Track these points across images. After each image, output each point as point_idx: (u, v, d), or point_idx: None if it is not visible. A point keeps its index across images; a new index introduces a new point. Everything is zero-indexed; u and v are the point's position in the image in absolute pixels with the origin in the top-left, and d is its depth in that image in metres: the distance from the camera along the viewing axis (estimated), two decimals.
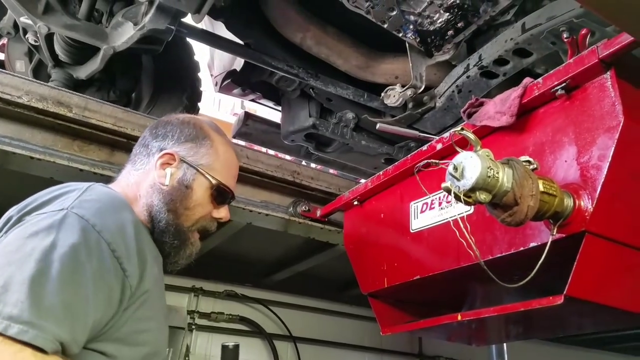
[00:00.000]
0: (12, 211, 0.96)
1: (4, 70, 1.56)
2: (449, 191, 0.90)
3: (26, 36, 1.78)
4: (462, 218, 1.03)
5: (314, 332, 2.99)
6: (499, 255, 1.15)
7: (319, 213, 1.87)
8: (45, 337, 0.77)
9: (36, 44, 1.78)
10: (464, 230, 0.99)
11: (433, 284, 1.37)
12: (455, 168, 0.90)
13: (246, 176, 1.76)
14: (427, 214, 1.43)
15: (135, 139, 1.57)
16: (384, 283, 1.47)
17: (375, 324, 1.48)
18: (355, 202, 1.72)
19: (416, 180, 1.52)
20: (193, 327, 2.68)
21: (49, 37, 1.74)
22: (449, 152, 1.37)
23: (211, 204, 1.16)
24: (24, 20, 1.67)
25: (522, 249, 1.10)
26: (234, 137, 2.82)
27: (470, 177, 0.88)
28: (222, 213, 1.19)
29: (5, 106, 1.42)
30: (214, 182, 1.15)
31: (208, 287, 2.77)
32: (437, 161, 0.96)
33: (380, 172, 1.62)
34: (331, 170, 2.91)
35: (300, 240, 2.28)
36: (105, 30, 1.75)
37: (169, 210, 1.10)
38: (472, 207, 1.18)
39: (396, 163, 1.58)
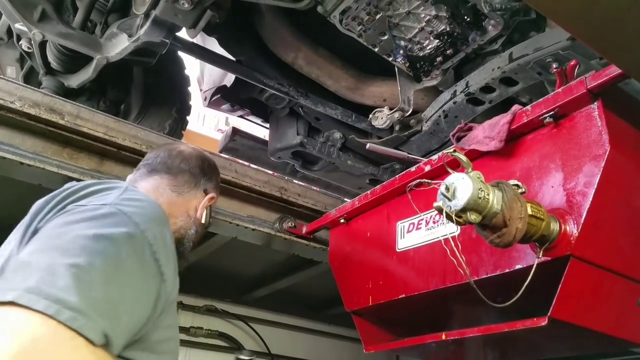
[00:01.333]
0: (42, 203, 0.90)
1: None
2: (440, 210, 0.91)
3: (19, 42, 1.75)
4: (453, 237, 1.03)
5: (293, 350, 2.94)
6: (484, 276, 1.16)
7: (304, 230, 1.86)
8: (95, 327, 0.70)
9: (29, 50, 1.75)
10: (454, 249, 1.00)
11: (417, 303, 1.37)
12: (447, 188, 0.91)
13: (234, 190, 1.74)
14: (413, 233, 1.43)
15: (125, 149, 1.56)
16: (369, 301, 1.46)
17: (354, 343, 1.47)
18: (342, 220, 1.71)
19: (403, 200, 1.53)
20: None
21: (43, 45, 1.72)
22: (437, 174, 1.38)
23: None
24: (19, 26, 1.64)
25: (507, 270, 1.11)
26: (221, 151, 2.81)
27: (462, 198, 0.89)
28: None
29: None
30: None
31: (188, 301, 2.71)
32: (429, 181, 0.97)
33: (368, 192, 1.63)
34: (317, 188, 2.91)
35: (282, 257, 2.26)
36: (99, 41, 1.73)
37: (195, 241, 1.22)
38: (459, 228, 1.19)
39: (384, 183, 1.59)
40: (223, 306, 2.79)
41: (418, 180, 0.98)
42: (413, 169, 1.48)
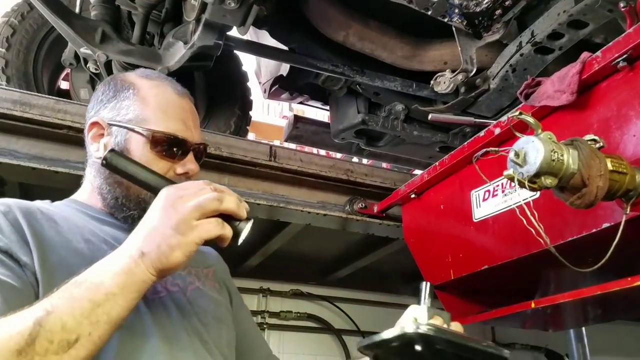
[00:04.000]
0: None
1: (70, 101, 1.67)
2: (512, 179, 0.88)
3: (87, 65, 1.89)
4: (527, 204, 1.00)
5: (382, 326, 2.97)
6: (570, 239, 1.11)
7: (376, 209, 1.86)
8: None
9: (97, 71, 1.88)
10: (530, 216, 0.96)
11: (502, 273, 1.33)
12: (517, 154, 0.88)
13: (301, 179, 1.79)
14: (490, 201, 1.39)
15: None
16: (450, 275, 1.45)
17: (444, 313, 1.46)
18: (413, 195, 1.70)
19: (475, 168, 1.49)
20: (265, 326, 2.76)
21: (108, 64, 1.84)
22: (508, 137, 1.33)
23: (163, 160, 0.97)
24: (84, 50, 1.77)
25: (594, 230, 1.06)
26: (286, 140, 2.87)
27: (534, 162, 0.86)
28: (187, 166, 0.99)
29: (76, 134, 1.52)
30: (146, 133, 0.96)
31: (275, 287, 2.84)
32: (496, 149, 0.94)
33: (437, 163, 1.60)
34: (384, 165, 2.89)
35: (359, 237, 2.28)
36: (158, 52, 1.83)
37: (113, 183, 0.97)
38: (539, 191, 1.14)
39: (452, 152, 1.55)
40: (308, 289, 2.89)
41: (484, 150, 0.96)
42: (482, 133, 1.43)
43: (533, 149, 0.86)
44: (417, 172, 2.45)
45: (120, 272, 0.75)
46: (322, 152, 3.31)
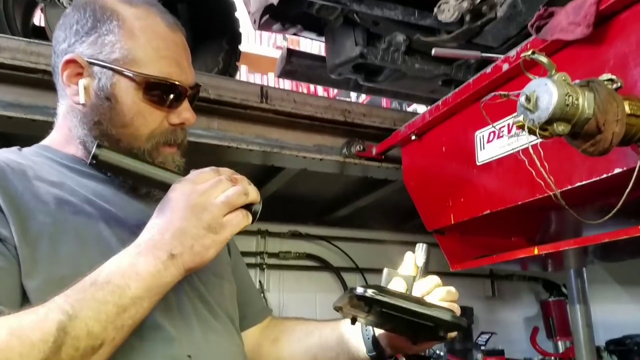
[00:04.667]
0: None
1: (43, 42, 1.56)
2: (521, 126, 0.82)
3: (60, 1, 1.76)
4: (534, 146, 0.95)
5: (381, 263, 3.03)
6: (578, 184, 1.07)
7: (374, 151, 1.82)
8: None
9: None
10: (536, 161, 0.92)
11: (505, 218, 1.31)
12: (528, 99, 0.82)
13: (296, 121, 1.72)
14: (495, 143, 1.34)
15: None
16: (451, 220, 1.43)
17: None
18: (413, 137, 1.65)
19: (480, 106, 1.42)
20: (264, 266, 2.81)
21: None
22: (516, 73, 1.26)
23: (157, 109, 0.89)
24: None
25: (605, 175, 1.02)
26: (279, 76, 2.76)
27: (546, 108, 0.80)
28: (183, 115, 0.91)
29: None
30: (138, 78, 0.86)
31: (273, 228, 2.86)
32: (505, 93, 0.87)
33: (439, 102, 1.53)
34: (384, 102, 2.81)
35: (358, 177, 2.25)
36: None
37: (100, 136, 0.87)
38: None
39: (456, 91, 1.48)
40: (307, 229, 2.91)
41: (493, 94, 0.89)
42: (489, 69, 1.36)
43: (546, 93, 0.80)
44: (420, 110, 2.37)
45: (147, 275, 0.72)
46: (319, 91, 3.22)
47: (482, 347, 2.36)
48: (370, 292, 0.81)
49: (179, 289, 0.88)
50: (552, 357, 2.54)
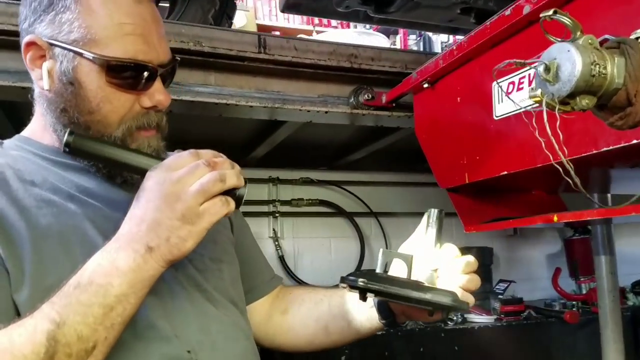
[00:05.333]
0: None
1: None
2: (539, 101, 0.74)
3: None
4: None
5: (396, 206, 3.02)
6: (605, 148, 0.99)
7: (384, 99, 1.72)
8: None
9: None
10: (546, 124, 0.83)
11: (523, 179, 1.25)
12: (547, 68, 0.73)
13: (298, 71, 1.62)
14: (515, 95, 1.25)
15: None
16: (465, 179, 1.37)
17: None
18: (426, 85, 1.55)
19: (499, 53, 1.31)
20: (277, 214, 2.82)
21: None
22: (537, 17, 1.14)
23: (125, 92, 0.84)
24: None
25: (635, 141, 0.94)
26: (282, 10, 2.60)
27: (568, 80, 0.71)
28: (155, 98, 0.86)
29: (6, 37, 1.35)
30: (98, 62, 0.80)
31: (284, 175, 2.84)
32: (521, 61, 0.78)
33: (454, 46, 1.42)
34: (398, 39, 2.65)
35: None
36: None
37: (69, 123, 0.84)
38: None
39: (471, 34, 1.36)
40: (318, 175, 2.88)
41: (506, 61, 0.80)
42: (508, 11, 1.23)
43: (568, 62, 0.71)
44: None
45: (128, 270, 0.72)
46: (323, 37, 3.04)
47: (500, 296, 2.37)
48: (360, 282, 0.81)
49: (173, 281, 0.87)
50: (574, 301, 2.54)
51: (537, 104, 0.74)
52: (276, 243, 2.78)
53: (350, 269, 2.86)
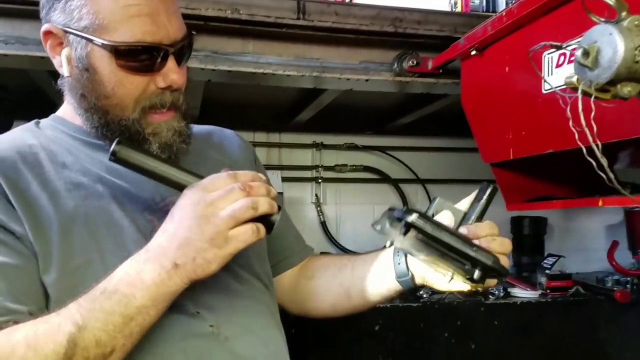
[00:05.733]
0: None
1: None
2: (575, 88, 0.70)
3: None
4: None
5: (443, 172, 2.96)
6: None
7: (430, 65, 1.67)
8: None
9: None
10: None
11: (571, 159, 1.19)
12: (586, 53, 0.69)
13: (338, 37, 1.60)
14: (565, 68, 1.18)
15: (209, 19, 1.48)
16: (510, 154, 1.33)
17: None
18: (473, 52, 1.49)
19: (550, 21, 1.24)
20: (320, 180, 2.84)
21: None
22: None
23: (137, 75, 0.85)
24: None
25: None
26: None
27: (608, 66, 0.67)
28: (169, 78, 0.87)
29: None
30: (108, 48, 0.82)
31: (328, 141, 2.83)
32: (558, 44, 0.74)
33: (503, 12, 1.35)
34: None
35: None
36: None
37: (89, 108, 0.88)
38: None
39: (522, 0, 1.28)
40: (363, 141, 2.85)
41: (542, 44, 0.76)
42: None
43: (609, 46, 0.66)
44: None
45: (152, 284, 0.76)
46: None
47: (547, 271, 2.31)
48: (412, 218, 0.75)
49: None
50: (629, 276, 2.44)
51: (573, 90, 0.71)
52: (318, 209, 2.81)
53: None
